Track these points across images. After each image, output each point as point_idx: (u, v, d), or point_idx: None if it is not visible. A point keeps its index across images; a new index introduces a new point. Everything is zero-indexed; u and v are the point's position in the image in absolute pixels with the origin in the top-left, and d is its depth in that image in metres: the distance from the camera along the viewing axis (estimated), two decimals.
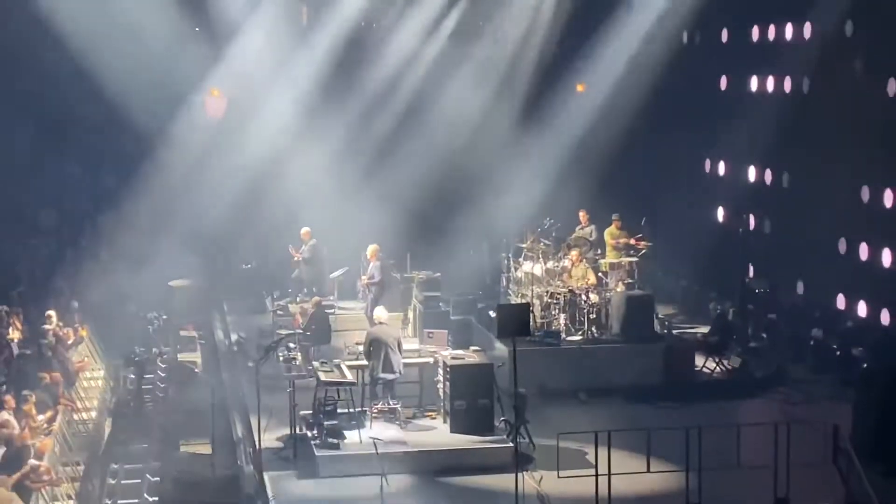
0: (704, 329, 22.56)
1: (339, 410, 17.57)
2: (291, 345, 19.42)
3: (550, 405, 19.22)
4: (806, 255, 23.90)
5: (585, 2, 28.08)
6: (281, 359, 19.17)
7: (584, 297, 21.11)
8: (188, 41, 27.90)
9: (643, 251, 23.46)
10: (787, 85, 24.82)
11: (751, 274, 24.98)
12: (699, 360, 21.28)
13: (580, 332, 20.93)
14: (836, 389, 20.14)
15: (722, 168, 27.69)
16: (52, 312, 22.07)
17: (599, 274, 22.27)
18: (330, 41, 28.43)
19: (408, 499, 15.57)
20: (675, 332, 22.56)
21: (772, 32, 25.42)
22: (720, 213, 27.35)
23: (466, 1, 28.77)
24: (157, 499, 16.33)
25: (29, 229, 29.90)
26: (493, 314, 20.06)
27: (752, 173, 26.30)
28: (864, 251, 22.43)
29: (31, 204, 30.82)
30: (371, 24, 29.42)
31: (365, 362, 18.05)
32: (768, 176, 25.66)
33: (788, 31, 24.73)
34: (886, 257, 21.78)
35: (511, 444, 16.25)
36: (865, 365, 19.61)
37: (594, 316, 21.02)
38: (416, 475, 16.33)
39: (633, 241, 23.54)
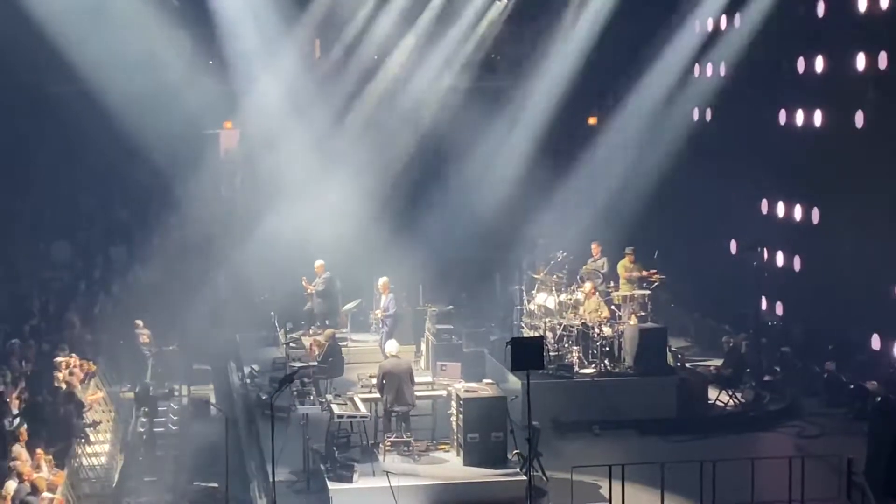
0: (718, 362, 22.51)
1: (352, 443, 17.58)
2: (306, 379, 19.42)
3: (564, 438, 19.20)
4: (821, 289, 23.88)
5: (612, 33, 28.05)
6: (294, 392, 19.17)
7: (597, 329, 21.10)
8: (202, 74, 28.07)
9: (656, 284, 23.46)
10: (800, 119, 24.86)
11: (764, 307, 24.96)
12: (712, 394, 21.23)
13: (593, 365, 20.91)
14: (849, 423, 20.08)
15: (735, 200, 27.72)
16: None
17: (612, 307, 22.27)
18: (343, 75, 28.59)
19: None
20: (688, 365, 22.52)
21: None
22: (733, 246, 27.34)
23: (482, 37, 28.91)
24: None
25: (42, 262, 29.99)
26: (507, 346, 20.03)
27: (764, 206, 26.32)
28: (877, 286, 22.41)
29: (44, 236, 30.94)
30: (384, 58, 29.55)
31: (378, 395, 18.06)
32: (781, 208, 25.68)
33: (801, 64, 24.81)
34: None
35: (524, 478, 16.24)
36: (879, 398, 19.53)
37: (607, 349, 21.01)
38: None
39: (645, 274, 23.55)
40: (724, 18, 27.18)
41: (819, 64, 24.21)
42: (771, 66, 25.87)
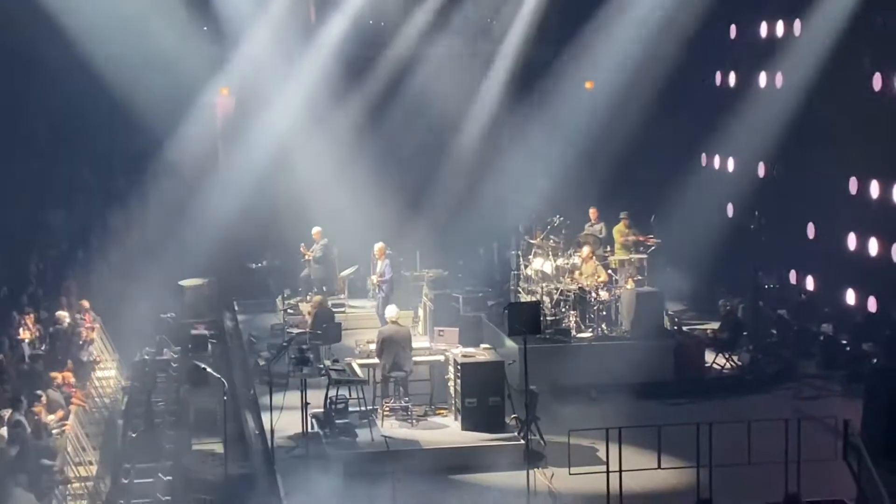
0: (714, 325, 22.56)
1: (350, 409, 17.65)
2: (304, 346, 19.47)
3: (561, 402, 19.25)
4: (815, 250, 23.92)
5: None
6: (292, 358, 19.23)
7: (594, 294, 21.13)
8: (196, 40, 27.95)
9: (653, 248, 23.48)
10: (797, 80, 24.77)
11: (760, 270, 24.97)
12: (709, 357, 21.30)
13: (590, 330, 20.96)
14: (846, 385, 20.14)
15: (731, 164, 27.69)
16: (63, 313, 22.15)
17: (609, 271, 22.30)
18: (337, 39, 28.46)
19: (419, 496, 15.61)
20: (684, 328, 22.56)
21: (780, 28, 25.41)
22: (730, 209, 27.34)
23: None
24: (169, 498, 16.39)
25: (39, 230, 29.98)
26: (504, 311, 20.08)
27: (761, 169, 26.30)
28: (873, 247, 22.43)
29: (41, 204, 30.90)
30: (378, 22, 29.44)
31: (376, 361, 18.11)
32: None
33: (797, 27, 24.72)
34: None
35: (522, 442, 16.32)
36: (875, 360, 19.61)
37: (604, 313, 21.06)
38: (428, 473, 16.36)
39: (642, 238, 23.57)
40: None
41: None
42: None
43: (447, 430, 17.65)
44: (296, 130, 27.62)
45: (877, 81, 22.05)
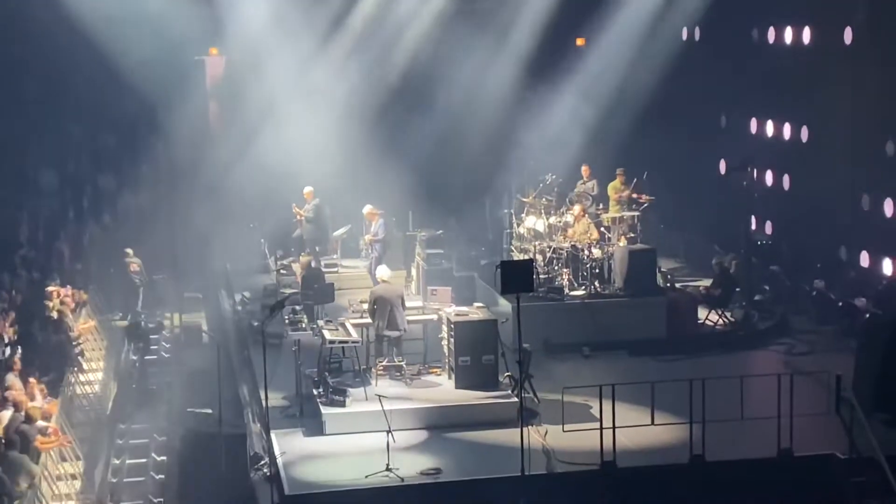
0: (707, 282, 22.59)
1: (344, 369, 17.68)
2: (298, 306, 19.48)
3: (554, 360, 19.32)
4: (809, 208, 23.92)
5: None
6: (286, 319, 19.24)
7: (586, 252, 21.14)
8: (186, 0, 27.76)
9: (645, 205, 23.47)
10: (789, 37, 24.73)
11: (753, 226, 25.00)
12: (702, 313, 21.33)
13: (583, 287, 20.98)
14: (838, 340, 20.21)
15: (724, 120, 27.64)
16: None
17: (602, 229, 22.29)
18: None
19: (414, 454, 15.67)
20: (677, 285, 22.59)
21: None
22: (722, 166, 27.31)
23: None
24: (164, 458, 16.48)
25: (30, 191, 29.91)
26: (497, 270, 20.09)
27: (753, 125, 26.26)
28: (865, 202, 22.44)
29: (32, 165, 30.81)
30: None
31: (369, 320, 18.13)
32: (770, 128, 25.62)
33: None
34: (888, 208, 21.79)
35: (516, 399, 16.36)
36: (868, 315, 19.66)
37: (597, 271, 21.06)
38: (422, 431, 16.45)
39: (635, 195, 23.55)
40: None
41: None
42: None
43: (441, 389, 17.68)
44: (287, 90, 27.49)
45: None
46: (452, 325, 17.72)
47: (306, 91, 27.39)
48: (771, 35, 25.39)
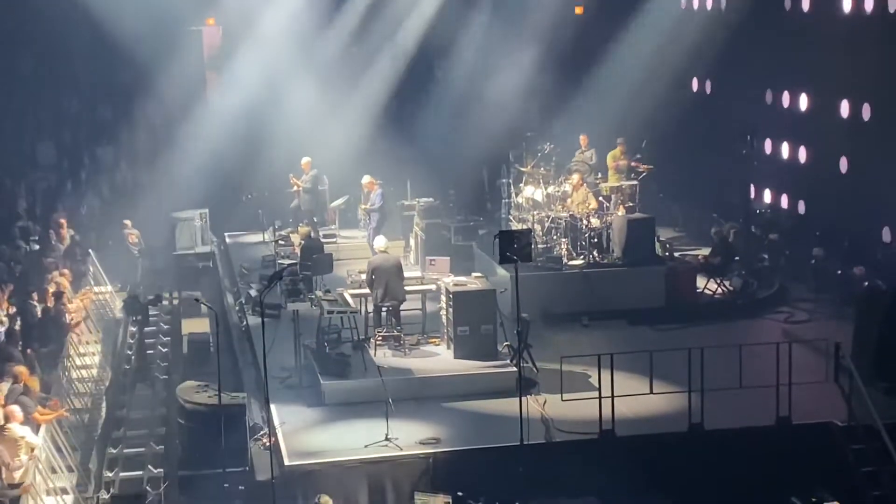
0: (706, 251, 22.58)
1: (342, 339, 17.68)
2: (296, 277, 19.46)
3: (553, 329, 19.32)
4: (808, 175, 23.88)
5: None
6: (284, 289, 19.22)
7: (585, 221, 21.10)
8: None
9: (644, 174, 23.43)
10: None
11: (752, 195, 24.94)
12: (701, 282, 21.32)
13: (582, 257, 20.96)
14: (837, 308, 20.20)
15: (723, 89, 27.51)
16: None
17: (600, 198, 22.26)
18: None
19: (412, 425, 15.69)
20: (676, 254, 22.57)
21: None
22: (721, 134, 27.20)
23: None
24: (164, 428, 16.50)
25: (28, 163, 29.85)
26: (495, 240, 20.08)
27: (769, 96, 26.12)
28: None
29: (29, 137, 30.74)
30: None
31: (367, 291, 18.12)
32: (769, 96, 25.52)
33: None
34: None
35: (514, 369, 16.37)
36: (866, 283, 19.64)
37: (596, 240, 21.03)
38: (421, 401, 16.46)
39: (634, 164, 23.50)
40: None
41: None
42: None
43: (439, 359, 17.70)
44: (284, 60, 27.39)
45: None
46: (451, 295, 17.71)
47: (304, 61, 27.30)
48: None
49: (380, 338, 17.93)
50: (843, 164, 22.80)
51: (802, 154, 24.34)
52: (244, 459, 15.07)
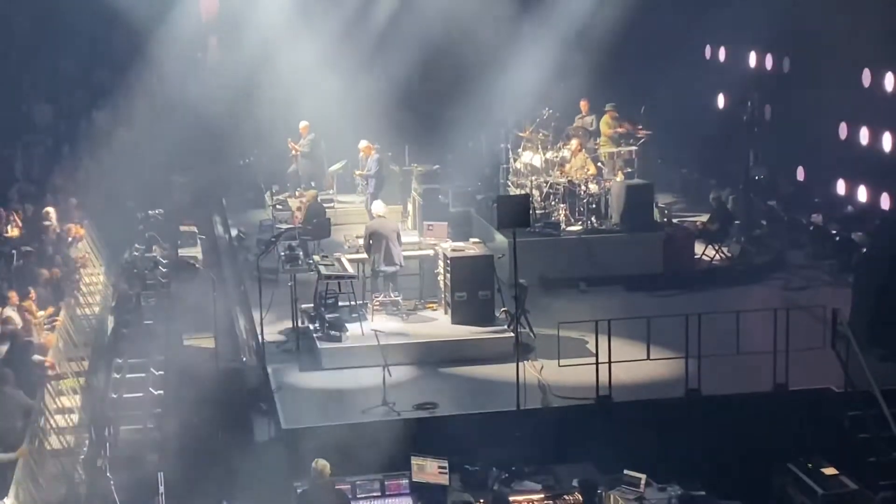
0: (704, 217, 22.54)
1: (340, 303, 17.67)
2: (293, 242, 19.43)
3: (550, 295, 19.31)
4: (806, 141, 23.80)
5: None
6: (282, 254, 19.21)
7: (583, 187, 21.05)
8: None
9: (643, 139, 23.35)
10: None
11: (751, 161, 24.86)
12: (699, 248, 21.30)
13: (580, 223, 20.92)
14: (835, 275, 20.21)
15: (722, 54, 27.39)
16: (50, 209, 22.07)
17: (599, 164, 22.19)
18: None
19: (410, 390, 15.70)
20: (674, 220, 22.54)
21: None
22: (720, 100, 27.13)
23: None
24: (161, 392, 16.50)
25: (24, 125, 29.74)
26: (493, 205, 20.03)
27: (752, 59, 26.03)
28: (864, 136, 22.32)
29: (25, 99, 30.61)
30: None
31: (365, 255, 18.09)
32: (769, 61, 25.40)
33: None
34: (887, 142, 21.69)
35: (512, 335, 16.36)
36: (865, 250, 19.63)
37: (594, 206, 20.99)
38: (418, 366, 16.48)
39: (632, 129, 23.40)
40: None
41: None
42: None
43: (437, 324, 17.70)
44: (282, 24, 27.19)
45: None
46: (449, 261, 17.68)
47: (301, 24, 27.09)
48: None
49: (377, 303, 17.91)
50: (843, 130, 22.75)
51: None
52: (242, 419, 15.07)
